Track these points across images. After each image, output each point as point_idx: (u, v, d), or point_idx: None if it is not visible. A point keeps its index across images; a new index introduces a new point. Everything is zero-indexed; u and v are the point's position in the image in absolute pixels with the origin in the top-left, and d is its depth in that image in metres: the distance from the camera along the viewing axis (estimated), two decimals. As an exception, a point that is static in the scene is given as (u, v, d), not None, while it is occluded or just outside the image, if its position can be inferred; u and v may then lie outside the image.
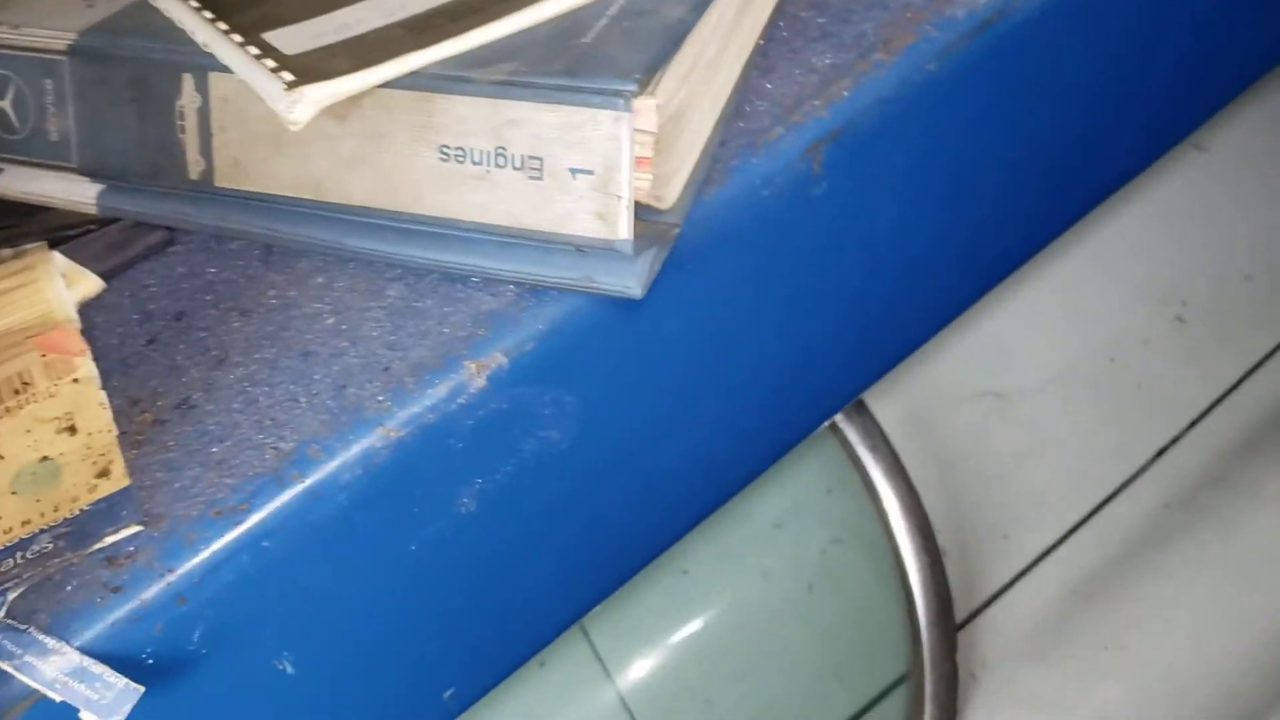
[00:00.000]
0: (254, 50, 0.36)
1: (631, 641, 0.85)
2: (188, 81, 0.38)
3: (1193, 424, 0.94)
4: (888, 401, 0.94)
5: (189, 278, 0.40)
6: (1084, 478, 0.91)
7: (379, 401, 0.35)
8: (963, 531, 0.90)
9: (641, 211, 0.36)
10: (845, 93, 0.39)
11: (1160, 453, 0.93)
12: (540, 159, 0.34)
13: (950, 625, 0.79)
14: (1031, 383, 0.96)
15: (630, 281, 0.35)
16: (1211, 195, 1.06)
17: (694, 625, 0.86)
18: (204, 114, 0.38)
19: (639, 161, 0.34)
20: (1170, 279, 1.01)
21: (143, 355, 0.38)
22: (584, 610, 0.45)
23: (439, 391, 0.36)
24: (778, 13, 0.41)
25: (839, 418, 0.81)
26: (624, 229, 0.33)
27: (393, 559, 0.38)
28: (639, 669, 0.85)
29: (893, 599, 0.83)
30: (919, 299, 0.47)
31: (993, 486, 0.91)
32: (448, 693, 0.42)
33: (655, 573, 0.87)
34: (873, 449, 0.81)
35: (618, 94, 0.32)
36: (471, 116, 0.34)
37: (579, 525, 0.41)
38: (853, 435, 0.81)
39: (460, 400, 0.36)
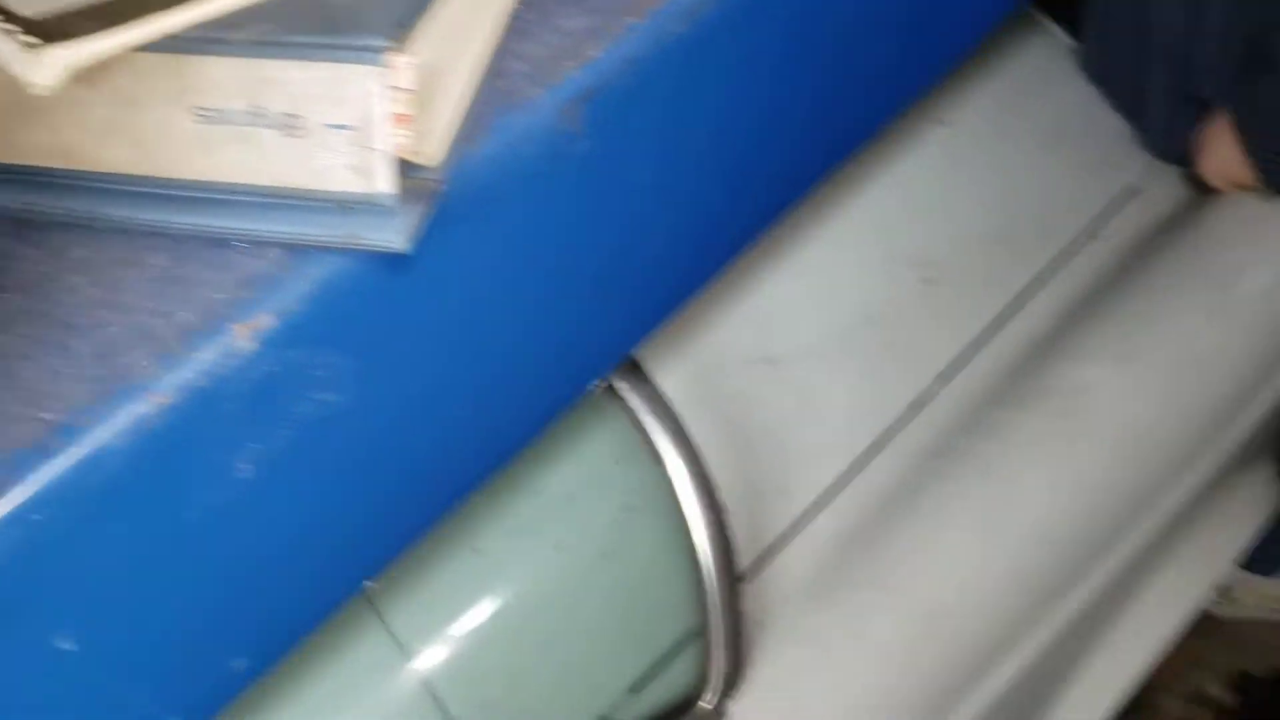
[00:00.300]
0: (-10, 14, 0.35)
1: (429, 623, 0.86)
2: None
3: (945, 377, 1.02)
4: (669, 371, 0.98)
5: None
6: (850, 432, 0.98)
7: (145, 368, 0.35)
8: (744, 489, 0.94)
9: (404, 169, 0.37)
10: (597, 54, 0.41)
11: (915, 405, 1.00)
12: (298, 117, 0.34)
13: (733, 577, 0.83)
14: (798, 347, 1.01)
15: (394, 236, 0.35)
16: (953, 166, 1.14)
17: (491, 602, 0.87)
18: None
19: (399, 119, 0.35)
20: (918, 245, 1.08)
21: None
22: (373, 573, 0.45)
23: (207, 356, 0.36)
24: (531, -21, 0.43)
25: (623, 388, 0.84)
26: (384, 183, 0.34)
27: (172, 527, 0.37)
28: (438, 650, 0.85)
29: (682, 559, 0.86)
30: (683, 254, 0.49)
31: (770, 445, 0.96)
32: (237, 662, 0.42)
33: (448, 552, 0.87)
34: (656, 416, 0.84)
35: (373, 49, 0.33)
36: (227, 77, 0.34)
37: (362, 488, 0.42)
38: (637, 404, 0.84)
39: (229, 364, 0.36)
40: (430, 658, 0.85)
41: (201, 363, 0.36)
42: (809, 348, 1.01)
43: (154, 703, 0.40)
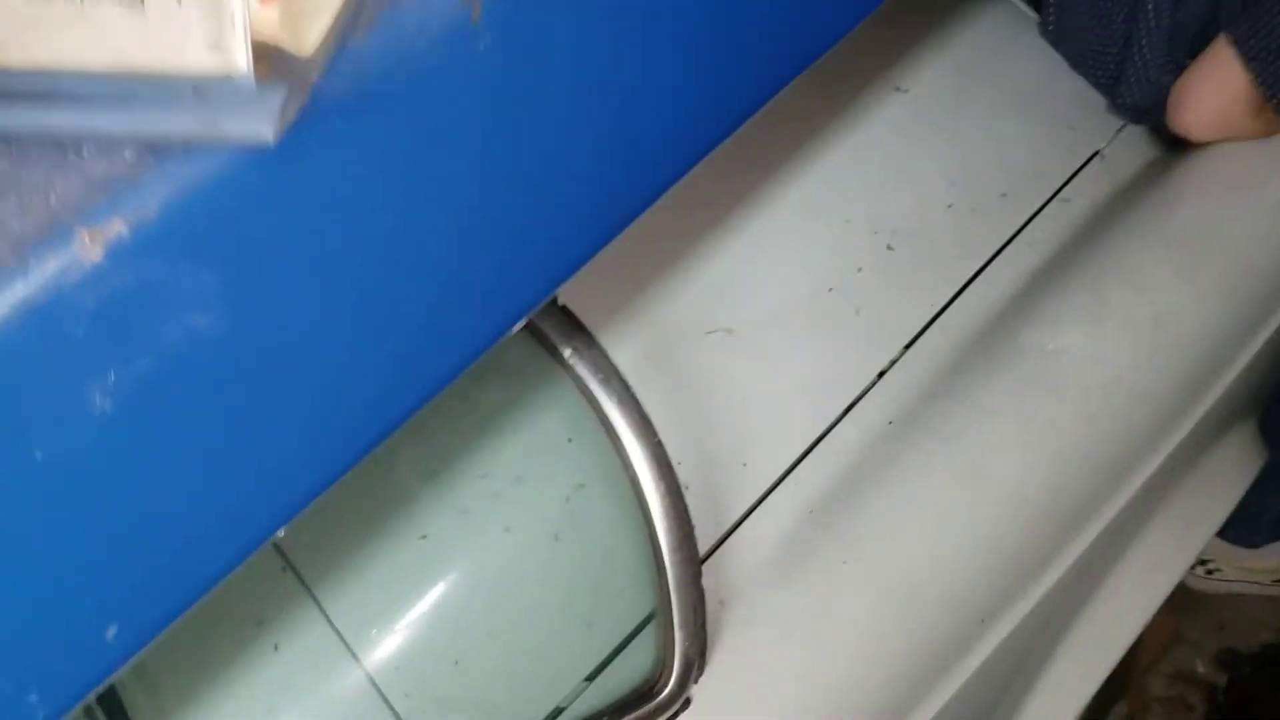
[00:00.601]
0: None
1: (372, 614, 0.81)
2: None
3: (909, 344, 0.98)
4: (623, 345, 0.94)
5: None
6: (814, 402, 0.94)
7: (-25, 281, 0.30)
8: (704, 465, 0.90)
9: (276, 56, 0.32)
10: (497, -66, 0.36)
11: (881, 374, 0.96)
12: (140, -15, 0.30)
13: (694, 557, 0.78)
14: (759, 316, 0.97)
15: (259, 125, 0.31)
16: (912, 132, 1.11)
17: (437, 590, 0.82)
18: None
19: (263, -5, 0.31)
20: (880, 211, 1.05)
21: None
22: (272, 530, 0.40)
23: (48, 267, 0.31)
24: None
25: (572, 357, 0.79)
26: (241, 58, 0.30)
27: (19, 472, 0.33)
28: (383, 641, 0.80)
29: (639, 538, 0.81)
30: (613, 173, 0.45)
31: (730, 419, 0.92)
32: (110, 631, 0.37)
33: (392, 540, 0.83)
34: (608, 388, 0.79)
35: (214, -106, 0.28)
36: (55, -58, 0.30)
37: (243, 429, 0.37)
38: (587, 375, 0.79)
39: (75, 276, 0.31)
40: (374, 651, 0.80)
41: (43, 276, 0.31)
42: (769, 317, 0.97)
43: (6, 677, 0.35)
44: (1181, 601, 1.51)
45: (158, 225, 0.32)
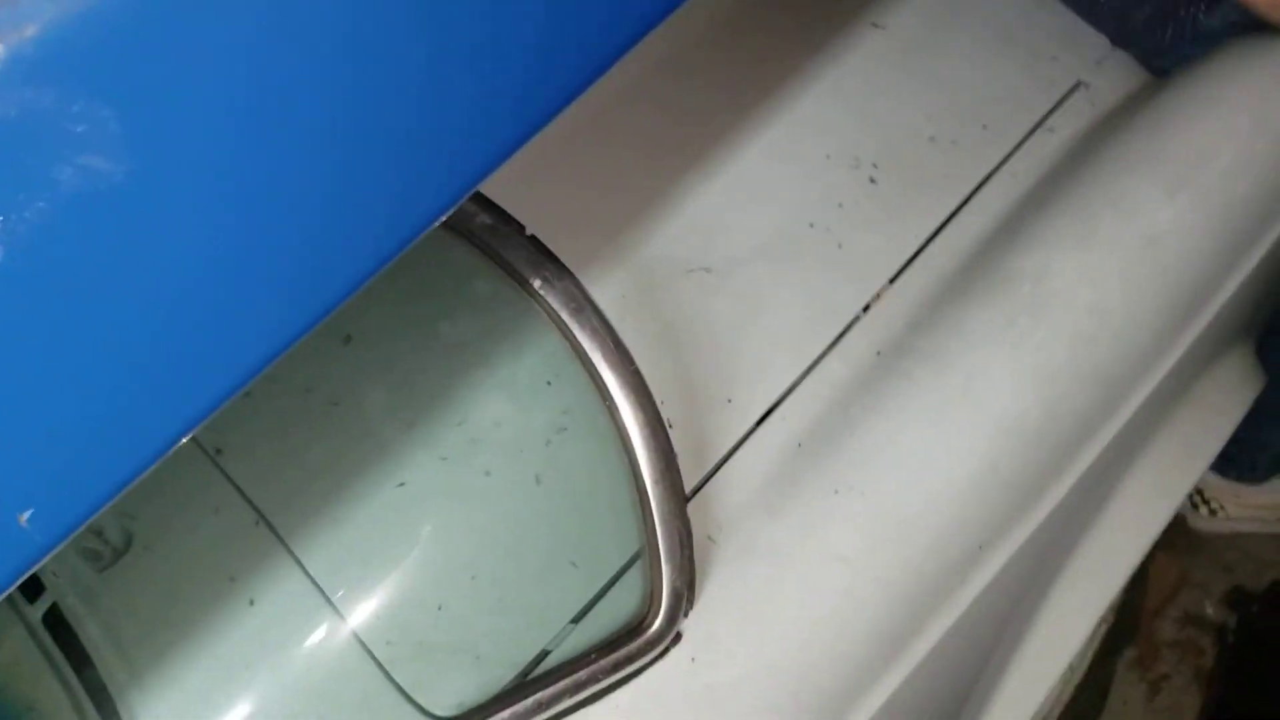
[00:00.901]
0: None
1: (350, 564, 0.78)
2: None
3: (894, 277, 0.96)
4: (603, 284, 0.92)
5: None
6: (798, 337, 0.91)
7: None
8: (688, 402, 0.88)
9: None
10: None
11: (867, 307, 0.94)
12: None
13: (678, 487, 0.76)
14: (739, 254, 0.95)
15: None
16: (891, 67, 1.09)
17: (417, 537, 0.80)
18: None
19: None
20: (860, 145, 1.02)
21: None
22: (204, 412, 0.38)
23: (-80, 90, 0.28)
24: None
25: (546, 293, 0.77)
26: None
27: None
28: (363, 591, 0.78)
29: (623, 477, 0.79)
30: (562, 15, 0.42)
31: (713, 356, 0.90)
32: (24, 515, 0.34)
33: (369, 490, 0.80)
34: (583, 320, 0.77)
35: None
36: None
37: (154, 290, 0.35)
38: (560, 307, 0.77)
39: (-50, 100, 0.29)
40: (354, 601, 0.78)
41: (-87, 102, 0.28)
42: (751, 253, 0.95)
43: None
44: (1187, 544, 1.49)
45: (40, 44, 0.29)
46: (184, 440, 0.38)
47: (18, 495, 0.34)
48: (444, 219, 0.44)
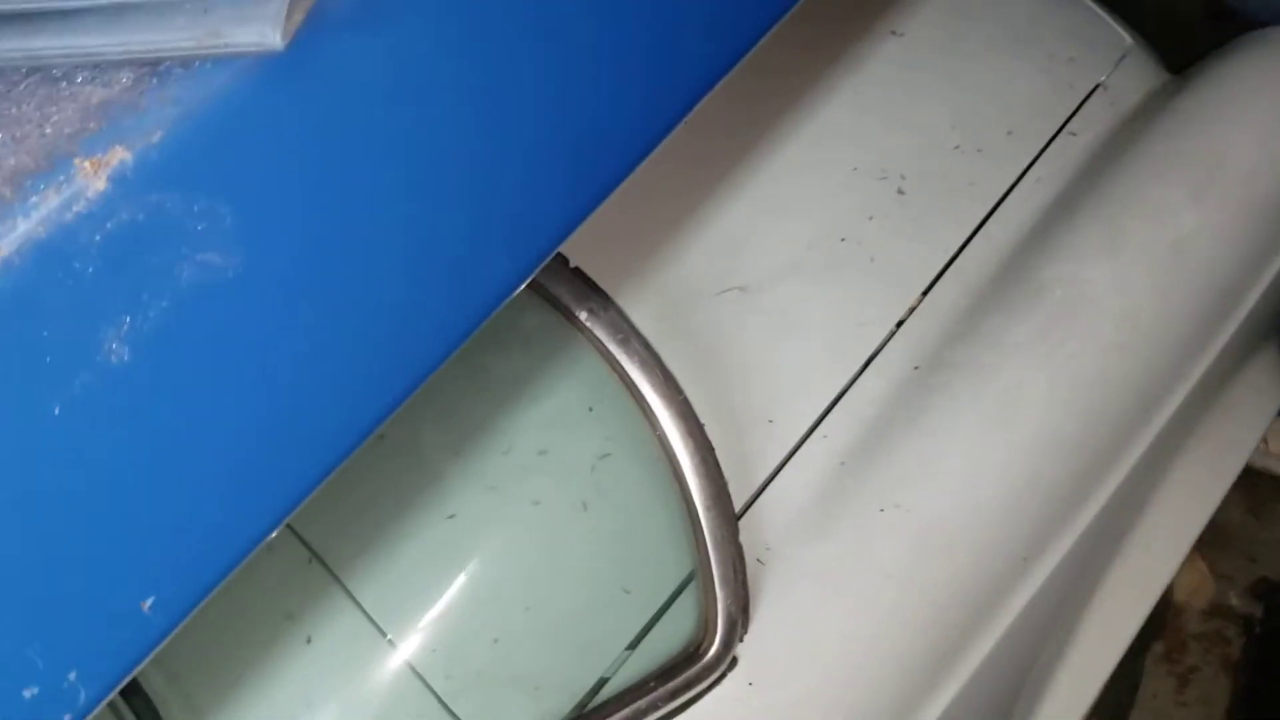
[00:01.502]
0: None
1: (405, 599, 0.79)
2: None
3: (927, 290, 0.96)
4: (639, 308, 0.92)
5: None
6: (835, 353, 0.91)
7: (-28, 220, 0.28)
8: (730, 423, 0.88)
9: (274, -36, 0.30)
10: None
11: (901, 322, 0.94)
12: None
13: (729, 513, 0.76)
14: (771, 271, 0.95)
15: (265, 29, 0.29)
16: (912, 76, 1.09)
17: (469, 569, 0.80)
18: None
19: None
20: (887, 156, 1.03)
21: None
22: (302, 497, 0.38)
23: (49, 200, 0.29)
24: None
25: (592, 324, 0.77)
26: (243, -44, 0.28)
27: (35, 427, 0.30)
28: (418, 625, 0.78)
29: (670, 500, 0.80)
30: (623, 112, 0.43)
31: (751, 375, 0.90)
32: (147, 602, 0.35)
33: (419, 523, 0.81)
34: (630, 350, 0.77)
35: None
36: None
37: (265, 381, 0.35)
38: (607, 337, 0.77)
39: (77, 209, 0.29)
40: (410, 635, 0.78)
41: (44, 210, 0.29)
42: (783, 269, 0.95)
43: (42, 654, 0.33)
44: (1211, 538, 1.50)
45: (165, 151, 0.30)
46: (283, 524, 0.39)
47: (145, 584, 0.35)
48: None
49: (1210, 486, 1.02)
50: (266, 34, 0.29)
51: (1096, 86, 1.12)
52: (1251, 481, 1.54)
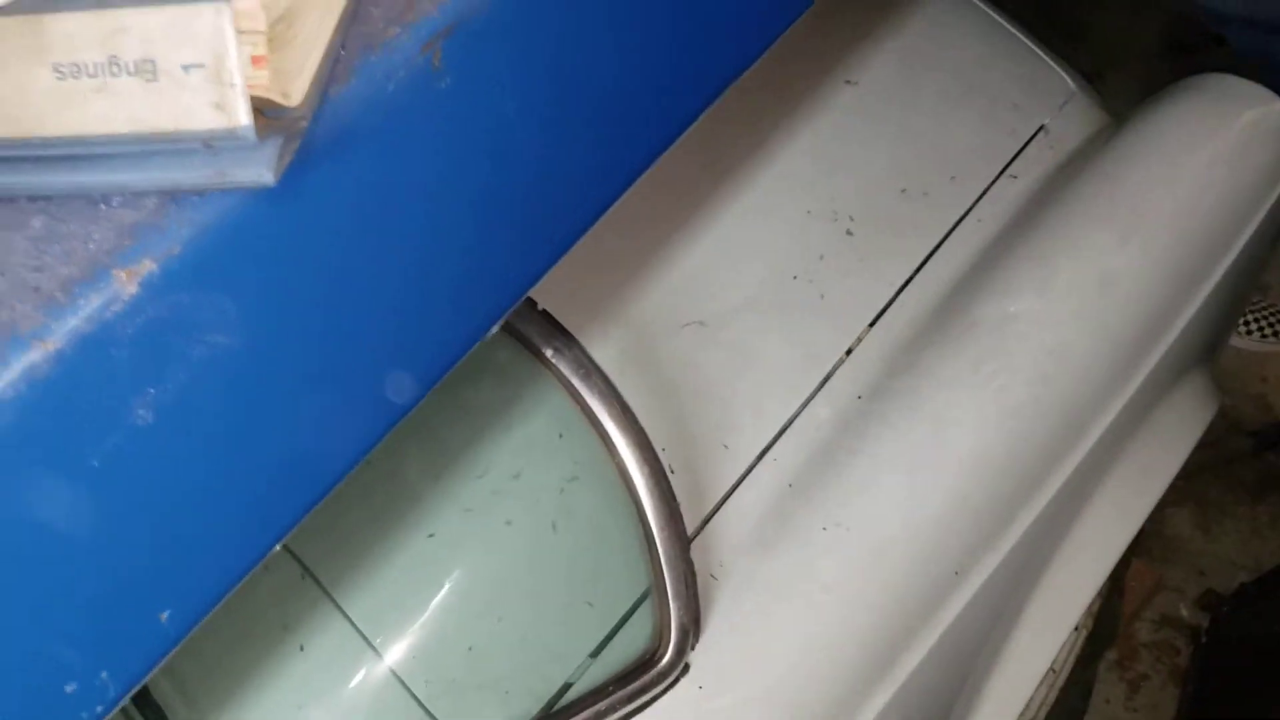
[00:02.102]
0: None
1: (389, 611, 0.87)
2: None
3: (872, 323, 1.04)
4: (602, 341, 1.00)
5: None
6: (787, 383, 1.00)
7: (32, 318, 0.36)
8: (687, 449, 0.96)
9: (269, 109, 0.38)
10: (451, -9, 0.42)
11: (849, 352, 1.02)
12: (153, 61, 0.36)
13: (681, 533, 0.84)
14: (729, 307, 1.03)
15: (261, 170, 0.37)
16: (864, 123, 1.17)
17: (447, 584, 0.88)
18: None
19: (255, 60, 0.37)
20: (837, 199, 1.11)
21: None
22: (295, 523, 0.46)
23: (92, 302, 0.37)
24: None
25: (556, 359, 0.85)
26: (243, 115, 0.36)
27: (76, 477, 0.39)
28: (401, 635, 0.86)
29: (630, 522, 0.87)
30: (564, 187, 0.51)
31: (708, 404, 0.98)
32: (164, 614, 0.43)
33: (403, 540, 0.89)
34: (591, 385, 0.85)
35: (213, -14, 0.35)
36: (80, 31, 0.36)
37: (263, 431, 0.43)
38: (571, 374, 0.85)
39: (115, 308, 0.37)
40: (393, 644, 0.86)
41: (88, 310, 0.37)
42: (739, 307, 1.03)
43: (82, 657, 0.41)
44: (1162, 553, 1.58)
45: (182, 261, 0.38)
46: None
47: (163, 599, 0.43)
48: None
49: (1136, 504, 1.10)
50: (262, 174, 0.37)
51: (1039, 130, 1.20)
52: (1201, 497, 1.63)
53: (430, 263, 0.46)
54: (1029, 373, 0.98)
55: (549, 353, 0.84)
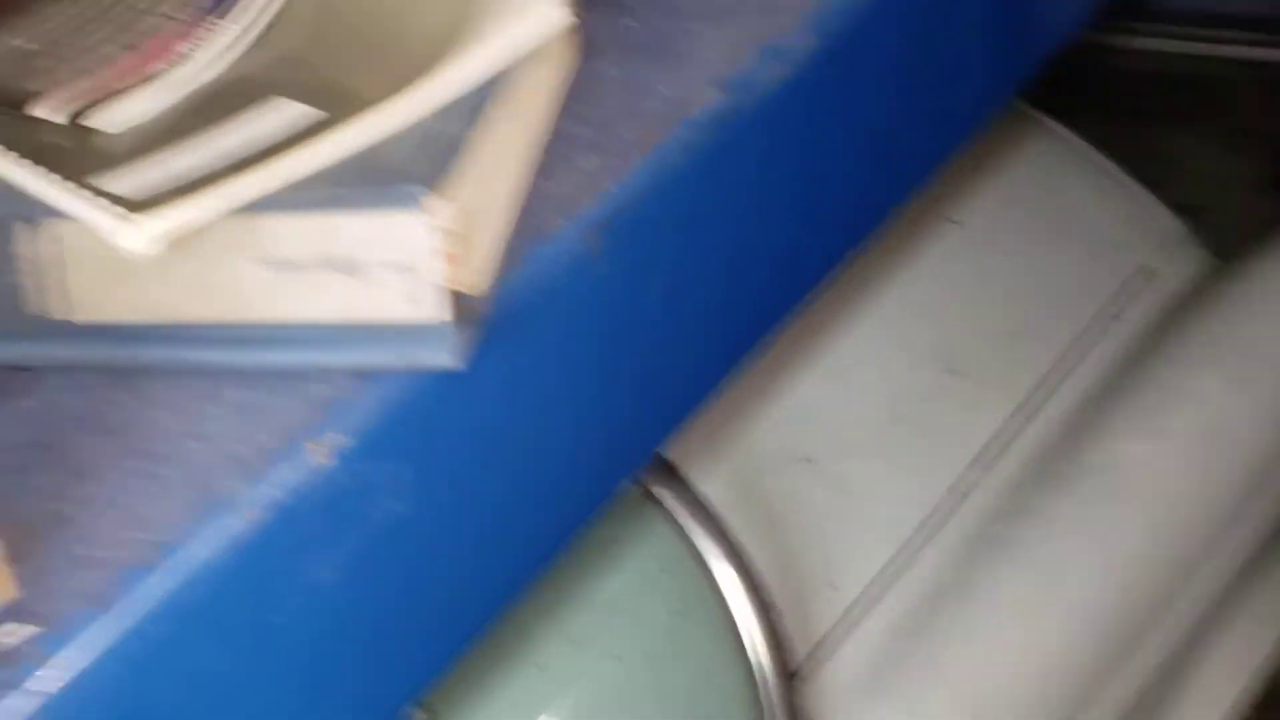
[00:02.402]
0: (86, 191, 0.40)
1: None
2: (22, 230, 0.42)
3: (980, 465, 1.05)
4: (709, 474, 1.02)
5: (42, 410, 0.44)
6: (891, 525, 1.00)
7: (232, 488, 0.40)
8: (792, 587, 0.97)
9: (453, 297, 0.42)
10: (610, 187, 0.46)
11: (956, 493, 1.03)
12: (357, 260, 0.40)
13: (786, 673, 0.85)
14: (832, 445, 1.05)
15: (448, 356, 0.40)
16: (968, 262, 1.20)
17: (556, 717, 0.90)
18: (39, 258, 0.42)
19: (450, 257, 0.41)
20: (941, 339, 1.13)
21: (8, 481, 0.41)
22: (438, 668, 0.49)
23: (287, 473, 0.40)
24: (551, 127, 0.49)
25: (664, 495, 0.88)
26: (436, 311, 0.39)
27: (262, 632, 0.41)
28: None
29: (735, 660, 0.88)
30: (702, 355, 0.54)
31: (815, 542, 0.99)
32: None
33: (511, 670, 0.91)
34: (698, 520, 0.88)
35: (415, 197, 0.38)
36: (294, 231, 0.40)
37: (425, 588, 0.46)
38: (678, 510, 0.87)
39: (307, 479, 0.40)
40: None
41: (282, 480, 0.40)
42: (843, 445, 1.05)
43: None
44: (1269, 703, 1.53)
45: (370, 435, 0.41)
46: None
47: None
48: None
49: (1247, 658, 1.08)
50: (449, 359, 0.40)
51: (1140, 269, 1.21)
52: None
53: (583, 427, 0.49)
54: (1139, 522, 0.98)
55: (662, 493, 0.87)
